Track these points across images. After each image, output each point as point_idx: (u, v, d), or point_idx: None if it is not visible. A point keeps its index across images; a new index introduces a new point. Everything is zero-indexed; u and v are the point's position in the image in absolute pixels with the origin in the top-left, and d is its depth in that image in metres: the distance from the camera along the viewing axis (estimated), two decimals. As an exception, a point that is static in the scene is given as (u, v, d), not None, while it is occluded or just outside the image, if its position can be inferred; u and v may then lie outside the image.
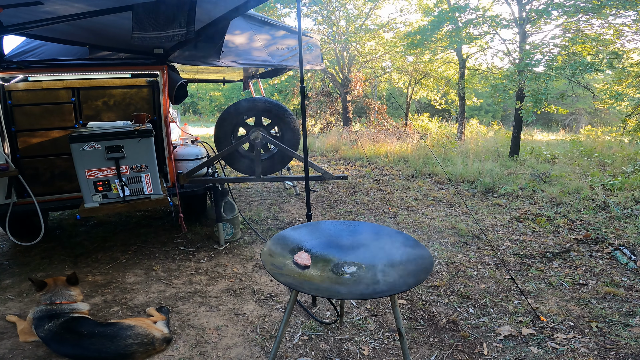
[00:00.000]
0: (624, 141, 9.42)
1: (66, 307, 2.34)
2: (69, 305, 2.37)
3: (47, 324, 2.22)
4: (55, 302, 2.34)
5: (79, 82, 3.45)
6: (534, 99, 7.09)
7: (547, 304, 2.78)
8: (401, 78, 14.84)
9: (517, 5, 8.13)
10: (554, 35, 8.20)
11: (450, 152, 8.59)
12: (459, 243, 3.91)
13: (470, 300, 2.86)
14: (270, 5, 12.45)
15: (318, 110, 14.55)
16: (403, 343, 1.76)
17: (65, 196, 3.50)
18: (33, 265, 3.50)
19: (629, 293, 2.89)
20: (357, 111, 16.58)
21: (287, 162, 4.38)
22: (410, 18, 15.33)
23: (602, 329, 2.47)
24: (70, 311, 2.32)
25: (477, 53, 11.31)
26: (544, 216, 4.62)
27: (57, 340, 2.18)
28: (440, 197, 5.58)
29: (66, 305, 2.35)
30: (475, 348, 2.33)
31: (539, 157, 8.37)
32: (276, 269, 1.76)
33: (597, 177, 6.21)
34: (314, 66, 5.04)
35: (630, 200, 4.98)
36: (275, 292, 3.01)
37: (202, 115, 27.95)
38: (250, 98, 4.28)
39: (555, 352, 2.27)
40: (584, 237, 3.95)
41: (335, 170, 7.84)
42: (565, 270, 3.29)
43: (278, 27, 4.62)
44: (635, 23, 7.68)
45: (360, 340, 2.42)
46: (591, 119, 19.11)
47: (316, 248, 2.05)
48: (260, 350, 2.32)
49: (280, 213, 5.00)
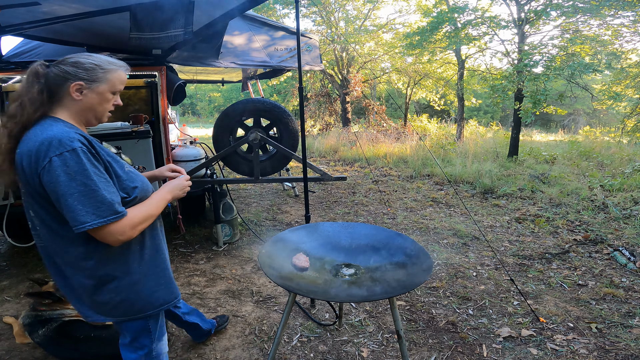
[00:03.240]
0: (622, 142, 9.41)
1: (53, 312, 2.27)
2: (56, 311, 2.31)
3: (40, 329, 2.19)
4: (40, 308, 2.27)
5: None
6: (533, 99, 7.10)
7: (547, 305, 2.77)
8: (400, 79, 14.84)
9: (516, 6, 8.14)
10: (553, 36, 8.21)
11: (449, 153, 8.58)
12: (458, 244, 3.90)
13: (469, 302, 2.85)
14: (269, 6, 12.46)
15: (317, 111, 14.55)
16: (402, 345, 1.75)
17: None
18: (30, 267, 3.48)
19: (628, 294, 2.88)
20: (356, 112, 16.59)
21: (286, 163, 4.38)
22: (409, 19, 15.38)
23: (601, 330, 2.46)
24: (59, 316, 2.28)
25: (476, 54, 11.33)
26: (543, 217, 4.62)
27: (54, 345, 2.16)
28: (439, 198, 5.58)
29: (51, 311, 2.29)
30: (475, 349, 2.32)
31: (538, 157, 8.37)
32: (274, 271, 1.75)
33: (596, 178, 6.21)
34: (312, 67, 5.04)
35: (629, 201, 4.98)
36: (274, 294, 3.00)
37: (202, 116, 27.93)
38: (249, 99, 4.27)
39: (554, 353, 2.26)
40: (583, 238, 3.95)
41: (334, 171, 7.84)
42: (564, 271, 3.29)
43: (277, 27, 4.62)
44: (633, 24, 7.69)
45: (359, 342, 2.41)
46: (590, 119, 19.14)
47: (314, 250, 2.04)
48: (258, 352, 2.31)
49: (279, 214, 4.99)
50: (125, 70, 1.42)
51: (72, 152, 1.18)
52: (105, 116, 1.41)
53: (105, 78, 1.34)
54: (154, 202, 1.41)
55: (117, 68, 1.38)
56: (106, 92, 1.36)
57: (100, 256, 1.33)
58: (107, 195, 1.22)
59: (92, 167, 1.21)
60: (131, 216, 1.29)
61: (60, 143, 1.18)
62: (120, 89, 1.41)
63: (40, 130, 1.23)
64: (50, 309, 2.28)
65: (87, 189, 1.19)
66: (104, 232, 1.23)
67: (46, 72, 1.30)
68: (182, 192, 1.55)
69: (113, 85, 1.37)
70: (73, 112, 1.33)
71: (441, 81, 13.47)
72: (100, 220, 1.19)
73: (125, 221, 1.26)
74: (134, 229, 1.29)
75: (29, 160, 1.20)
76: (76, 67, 1.30)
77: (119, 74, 1.38)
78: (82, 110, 1.34)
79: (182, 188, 1.55)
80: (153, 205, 1.40)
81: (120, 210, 1.24)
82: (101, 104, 1.36)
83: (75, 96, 1.31)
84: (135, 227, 1.30)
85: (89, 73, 1.31)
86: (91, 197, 1.19)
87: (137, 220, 1.31)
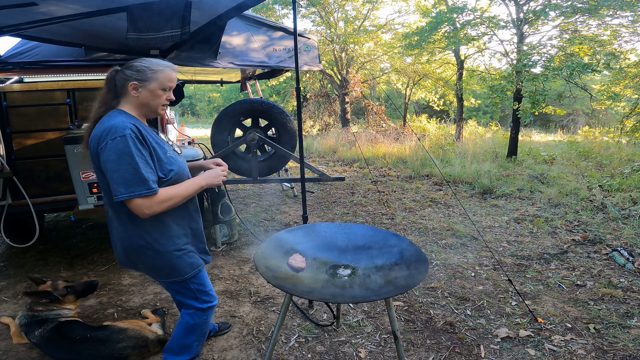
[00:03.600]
0: (621, 142, 9.41)
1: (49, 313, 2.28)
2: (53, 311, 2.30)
3: (36, 329, 2.19)
4: (36, 308, 2.28)
5: (74, 84, 3.44)
6: (532, 100, 7.09)
7: (545, 305, 2.77)
8: (399, 79, 14.83)
9: (515, 6, 8.14)
10: (552, 36, 8.21)
11: (448, 153, 8.58)
12: (457, 244, 3.90)
13: (467, 302, 2.85)
14: (268, 6, 12.45)
15: (316, 111, 14.53)
16: (398, 346, 1.75)
17: (61, 198, 3.49)
18: (28, 267, 3.48)
19: (626, 294, 2.88)
20: (355, 112, 16.59)
21: (284, 163, 4.37)
22: (409, 19, 15.38)
23: (599, 331, 2.46)
24: (56, 316, 2.28)
25: (475, 54, 11.32)
26: (541, 217, 4.62)
27: (50, 346, 2.16)
28: (438, 199, 5.57)
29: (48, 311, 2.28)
30: (473, 350, 2.31)
31: (537, 158, 8.37)
32: (270, 271, 1.75)
33: (595, 178, 6.21)
34: (311, 67, 5.03)
35: (628, 201, 4.98)
36: (272, 294, 2.99)
37: (201, 116, 27.89)
38: (247, 99, 4.27)
39: (552, 354, 2.26)
40: (581, 238, 3.95)
41: (333, 172, 7.83)
42: (562, 272, 3.29)
43: (275, 28, 4.61)
44: (632, 24, 7.69)
45: (357, 342, 2.41)
46: (589, 119, 19.14)
47: (311, 250, 2.04)
48: (256, 353, 2.30)
49: (277, 214, 4.98)
50: (171, 70, 1.66)
51: (122, 137, 1.48)
52: (160, 109, 1.69)
53: (154, 77, 1.62)
54: (185, 185, 1.66)
55: (163, 68, 1.64)
56: (156, 89, 1.64)
57: (135, 224, 1.62)
58: (144, 173, 1.49)
59: (136, 150, 1.50)
60: (161, 194, 1.55)
61: (115, 130, 1.49)
62: (170, 86, 1.67)
63: (106, 120, 1.56)
64: (47, 309, 2.28)
65: (129, 167, 1.47)
66: (134, 204, 1.49)
67: (114, 76, 1.64)
68: (217, 180, 1.76)
69: (162, 83, 1.64)
70: (133, 106, 1.65)
71: (440, 81, 13.46)
72: (132, 194, 1.47)
73: (155, 197, 1.52)
74: (160, 205, 1.55)
75: (94, 142, 1.54)
76: (132, 69, 1.61)
77: (166, 74, 1.64)
78: (140, 104, 1.65)
79: (215, 176, 1.77)
80: (183, 187, 1.64)
81: (152, 187, 1.51)
82: (153, 99, 1.65)
83: (133, 94, 1.62)
84: (163, 203, 1.55)
85: (140, 74, 1.61)
86: (130, 174, 1.47)
87: (165, 198, 1.56)
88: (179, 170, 1.67)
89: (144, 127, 1.62)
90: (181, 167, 1.70)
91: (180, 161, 1.72)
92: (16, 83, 3.43)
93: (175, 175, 1.65)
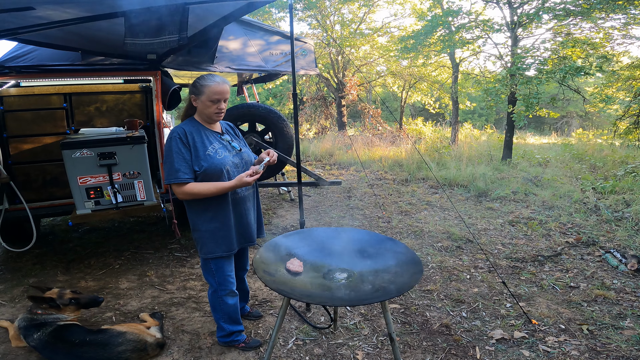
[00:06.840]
0: (615, 144, 9.51)
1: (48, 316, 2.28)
2: (52, 315, 2.31)
3: (35, 333, 2.20)
4: (35, 312, 2.29)
5: (71, 88, 3.43)
6: (526, 102, 7.16)
7: (539, 307, 2.80)
8: (395, 82, 14.92)
9: (509, 9, 8.22)
10: (545, 39, 8.31)
11: (444, 156, 8.63)
12: (452, 247, 3.93)
13: (463, 304, 2.88)
14: (264, 10, 12.49)
15: (313, 114, 14.58)
16: (394, 348, 1.78)
17: (58, 202, 3.48)
18: (25, 271, 3.47)
19: (619, 296, 2.92)
20: (351, 115, 16.65)
21: (281, 167, 4.39)
22: (404, 22, 15.47)
23: (593, 332, 2.49)
24: (54, 320, 2.28)
25: (470, 57, 11.43)
26: (535, 220, 4.66)
27: (49, 350, 2.16)
28: (434, 202, 5.61)
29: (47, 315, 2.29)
30: (468, 352, 2.34)
31: (531, 160, 8.44)
32: (268, 275, 1.77)
33: (589, 181, 6.27)
34: (308, 71, 5.06)
35: (621, 203, 5.04)
36: (270, 298, 3.01)
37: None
38: (244, 104, 4.30)
39: (546, 355, 2.29)
40: (575, 240, 3.99)
41: (329, 175, 7.86)
42: (556, 274, 3.32)
43: (272, 32, 4.64)
44: (624, 26, 7.78)
45: (354, 344, 2.43)
46: (582, 122, 19.31)
47: (308, 255, 2.07)
48: (254, 356, 2.32)
49: (274, 218, 5.00)
50: (216, 84, 1.99)
51: (172, 138, 1.99)
52: (213, 117, 2.08)
53: (202, 91, 2.00)
54: (216, 184, 2.00)
55: (209, 83, 1.99)
56: (205, 101, 2.01)
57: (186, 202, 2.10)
58: (177, 166, 1.95)
59: (176, 148, 1.96)
60: (190, 186, 1.97)
61: (170, 134, 2.01)
62: (216, 98, 2.00)
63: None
64: (45, 313, 2.28)
65: (170, 160, 1.97)
66: (173, 188, 2.00)
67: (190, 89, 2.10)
68: (240, 182, 1.99)
69: (208, 95, 1.99)
70: (198, 114, 2.11)
71: (436, 84, 13.55)
72: (168, 180, 1.97)
73: (183, 187, 1.97)
74: (184, 195, 1.98)
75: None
76: (193, 85, 2.05)
77: (212, 87, 1.98)
78: (199, 113, 2.10)
79: (239, 179, 1.99)
80: (213, 185, 2.00)
81: (182, 177, 1.95)
82: (205, 109, 2.04)
83: (195, 104, 2.07)
84: (188, 194, 1.98)
85: (195, 89, 2.03)
86: (168, 166, 1.97)
87: (189, 191, 1.97)
88: (210, 167, 1.99)
89: (197, 131, 2.05)
90: (214, 164, 2.00)
91: (216, 160, 2.02)
92: (13, 87, 3.43)
93: (208, 170, 1.99)
